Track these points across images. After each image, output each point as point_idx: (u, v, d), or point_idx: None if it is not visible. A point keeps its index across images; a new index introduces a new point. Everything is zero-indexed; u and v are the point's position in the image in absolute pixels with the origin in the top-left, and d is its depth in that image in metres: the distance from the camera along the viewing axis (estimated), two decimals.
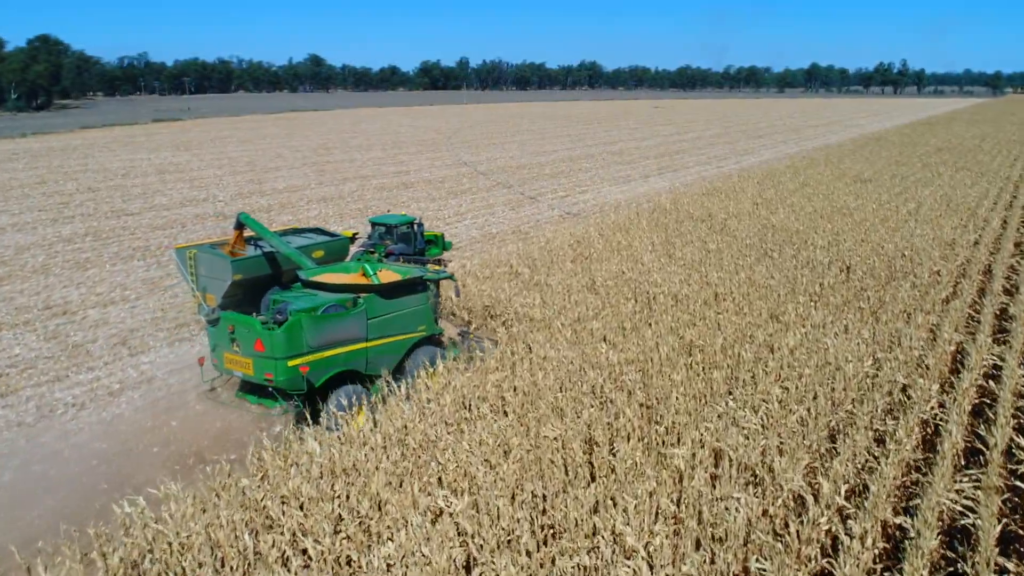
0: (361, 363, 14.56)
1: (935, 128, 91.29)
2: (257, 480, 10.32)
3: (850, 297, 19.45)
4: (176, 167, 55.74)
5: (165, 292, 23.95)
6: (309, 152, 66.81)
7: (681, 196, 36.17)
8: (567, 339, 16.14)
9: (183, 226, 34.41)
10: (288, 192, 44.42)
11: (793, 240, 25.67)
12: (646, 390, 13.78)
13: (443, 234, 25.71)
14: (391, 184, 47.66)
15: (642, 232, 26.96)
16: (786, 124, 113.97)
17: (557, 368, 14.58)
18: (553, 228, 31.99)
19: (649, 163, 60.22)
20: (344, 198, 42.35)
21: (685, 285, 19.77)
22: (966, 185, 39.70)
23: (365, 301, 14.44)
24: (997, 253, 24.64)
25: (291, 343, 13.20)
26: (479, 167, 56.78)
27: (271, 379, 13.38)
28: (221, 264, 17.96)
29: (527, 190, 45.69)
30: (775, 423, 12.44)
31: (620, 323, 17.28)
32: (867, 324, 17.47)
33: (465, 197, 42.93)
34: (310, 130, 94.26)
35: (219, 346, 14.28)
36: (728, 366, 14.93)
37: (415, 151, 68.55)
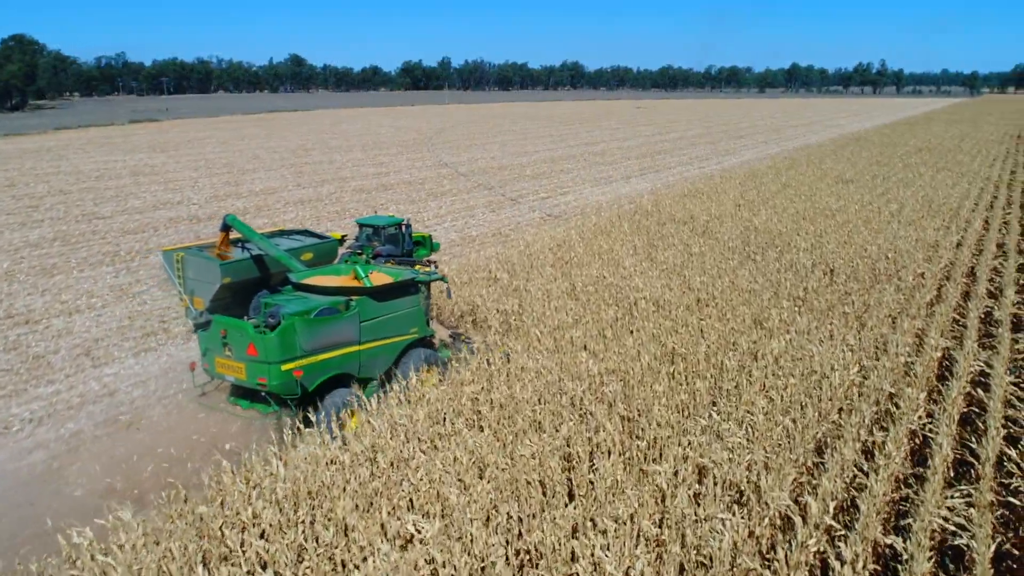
0: (354, 366, 14.36)
1: (914, 128, 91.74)
2: (216, 506, 9.73)
3: (834, 301, 19.10)
4: (151, 169, 54.76)
5: (133, 299, 23.22)
6: (288, 153, 65.96)
7: (663, 198, 35.80)
8: (547, 348, 15.64)
9: (155, 230, 33.61)
10: (265, 194, 43.65)
11: (776, 242, 25.34)
12: (627, 401, 13.31)
13: (431, 235, 25.41)
14: (370, 186, 47.00)
15: (623, 235, 26.54)
16: (767, 124, 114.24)
17: (535, 379, 14.07)
18: (534, 231, 31.51)
19: (631, 164, 59.92)
20: (322, 200, 41.66)
21: (667, 290, 19.34)
22: (947, 186, 39.65)
23: (358, 304, 14.24)
24: (980, 255, 24.45)
25: (284, 347, 13.00)
26: (460, 168, 56.23)
27: (264, 383, 13.15)
28: (210, 267, 17.54)
29: (508, 191, 45.21)
30: (760, 436, 12.00)
31: (601, 330, 16.81)
32: (852, 330, 17.12)
33: (445, 199, 42.37)
34: (289, 131, 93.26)
35: (210, 350, 14.00)
36: (711, 376, 14.50)
37: (395, 152, 67.87)
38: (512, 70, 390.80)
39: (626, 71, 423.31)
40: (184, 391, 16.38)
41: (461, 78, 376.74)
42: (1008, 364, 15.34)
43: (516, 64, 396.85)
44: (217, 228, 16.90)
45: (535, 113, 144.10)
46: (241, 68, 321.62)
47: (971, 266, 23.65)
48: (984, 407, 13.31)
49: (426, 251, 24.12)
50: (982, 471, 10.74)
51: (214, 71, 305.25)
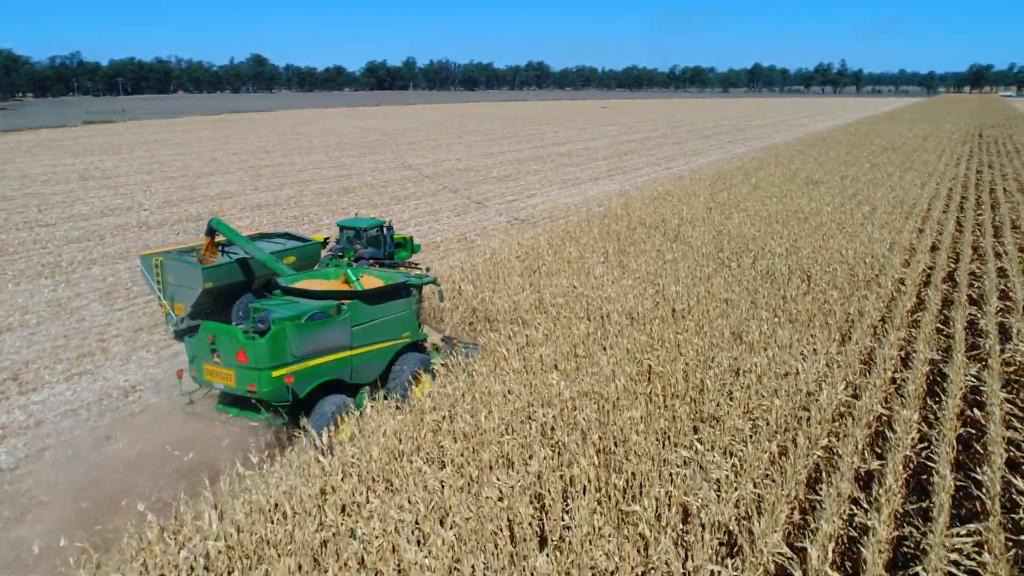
0: (346, 372, 14.07)
1: (878, 127, 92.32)
2: (135, 570, 8.45)
3: (814, 311, 18.24)
4: (102, 173, 52.59)
5: (72, 315, 21.64)
6: (247, 155, 64.04)
7: (633, 201, 34.88)
8: (514, 368, 14.52)
9: (101, 238, 31.85)
10: (220, 199, 41.94)
11: (750, 247, 24.51)
12: (603, 429, 12.25)
13: (412, 236, 24.97)
14: (331, 189, 45.49)
15: (593, 241, 25.52)
16: (732, 124, 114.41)
17: (502, 405, 12.95)
18: (500, 237, 30.36)
19: (598, 165, 59.06)
20: (280, 205, 40.09)
21: (641, 301, 18.33)
22: (916, 186, 39.32)
23: (349, 308, 13.99)
24: (958, 260, 23.79)
25: (275, 353, 12.69)
26: (424, 170, 54.90)
27: (254, 391, 12.83)
28: (191, 272, 17.38)
29: (474, 194, 44.03)
30: (748, 467, 11.02)
31: (572, 347, 15.73)
32: (835, 342, 16.27)
33: (409, 202, 41.05)
34: (249, 132, 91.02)
35: (198, 357, 13.54)
36: (691, 397, 13.49)
37: (358, 153, 66.28)
38: (477, 70, 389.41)
39: (591, 71, 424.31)
40: (123, 418, 15.02)
41: (426, 78, 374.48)
42: (1001, 377, 14.55)
43: (481, 64, 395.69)
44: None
45: (501, 113, 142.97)
46: (201, 68, 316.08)
47: (950, 270, 23.02)
48: (982, 428, 12.48)
49: (407, 253, 23.89)
50: (991, 508, 9.83)
51: (173, 71, 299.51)
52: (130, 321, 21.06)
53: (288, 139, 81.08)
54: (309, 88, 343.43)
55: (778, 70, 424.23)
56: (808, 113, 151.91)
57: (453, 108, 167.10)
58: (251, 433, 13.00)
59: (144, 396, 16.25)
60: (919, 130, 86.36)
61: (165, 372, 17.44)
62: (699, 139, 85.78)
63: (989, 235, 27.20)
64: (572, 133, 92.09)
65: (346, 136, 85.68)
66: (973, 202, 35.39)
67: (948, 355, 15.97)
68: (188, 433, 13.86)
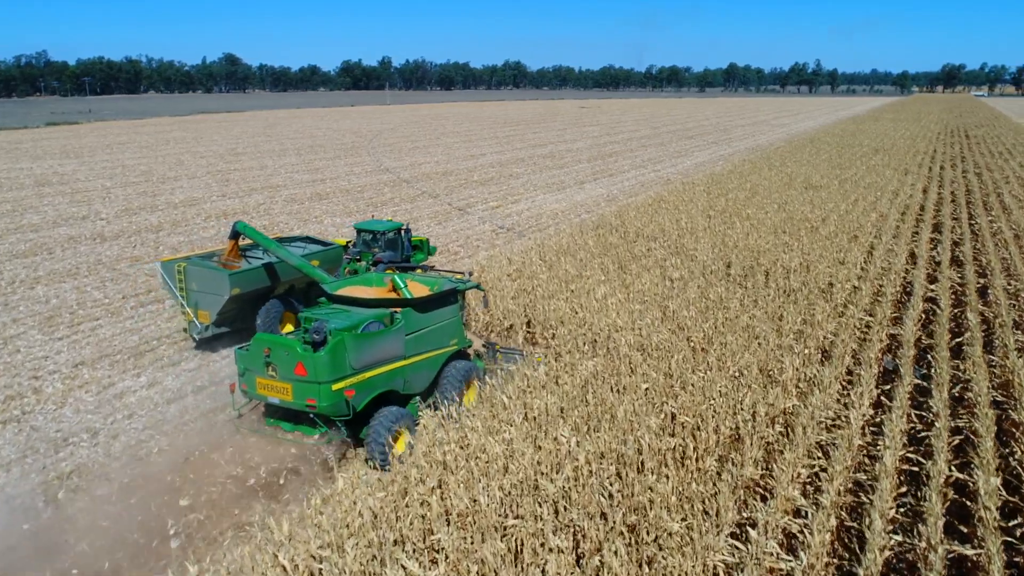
0: (399, 383, 13.62)
1: (863, 128, 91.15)
2: None
3: (847, 338, 16.21)
4: (60, 178, 49.58)
5: (4, 347, 19.05)
6: (215, 158, 61.19)
7: (627, 209, 32.74)
8: (514, 420, 12.27)
9: (50, 252, 29.13)
10: (184, 206, 39.25)
11: (760, 261, 22.46)
12: (627, 502, 10.07)
13: (428, 239, 24.46)
14: (303, 195, 42.94)
15: (590, 255, 23.33)
16: (713, 124, 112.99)
17: (501, 474, 10.72)
18: (487, 251, 28.06)
19: (583, 167, 56.95)
20: (248, 212, 37.50)
21: (654, 330, 16.15)
22: (919, 191, 37.63)
23: (403, 316, 13.53)
24: (984, 274, 21.79)
25: (335, 365, 12.26)
26: (402, 174, 52.48)
27: (313, 405, 12.32)
28: (216, 278, 16.86)
29: (455, 200, 41.70)
30: (815, 558, 8.88)
31: (580, 390, 13.53)
32: (875, 376, 14.21)
33: (386, 209, 38.61)
34: (220, 134, 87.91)
35: (250, 370, 12.94)
36: (727, 456, 11.35)
37: (333, 156, 63.67)
38: (454, 70, 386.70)
39: (568, 71, 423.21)
40: (47, 482, 12.59)
41: (403, 78, 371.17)
42: None
43: (458, 64, 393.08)
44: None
45: (479, 114, 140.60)
46: (173, 68, 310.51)
47: (980, 286, 21.07)
48: None
49: (424, 256, 23.46)
50: None
51: (144, 71, 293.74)
52: (70, 353, 18.55)
53: (260, 141, 78.20)
54: (283, 88, 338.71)
55: (753, 70, 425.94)
56: (788, 113, 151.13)
57: (430, 108, 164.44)
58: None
59: (76, 451, 13.79)
60: (904, 130, 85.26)
61: (105, 418, 15.01)
62: (682, 140, 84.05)
63: (1012, 244, 25.33)
64: (553, 134, 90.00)
65: (320, 137, 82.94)
66: (981, 207, 33.66)
67: (1009, 392, 13.95)
68: (126, 508, 11.54)
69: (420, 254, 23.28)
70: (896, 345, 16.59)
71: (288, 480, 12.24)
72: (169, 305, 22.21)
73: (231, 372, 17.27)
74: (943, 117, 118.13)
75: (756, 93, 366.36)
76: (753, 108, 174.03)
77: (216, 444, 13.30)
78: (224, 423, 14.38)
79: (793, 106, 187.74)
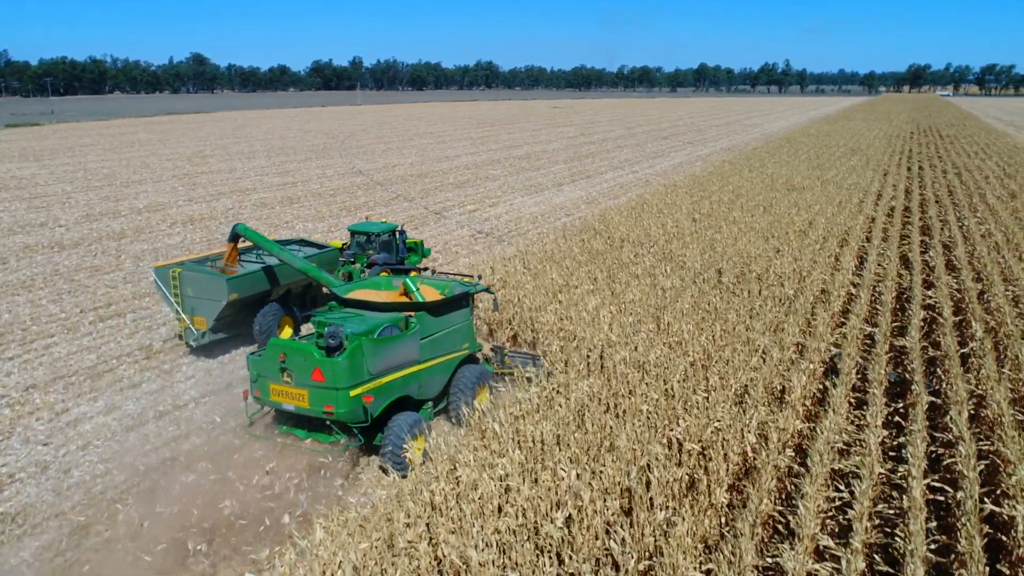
0: (414, 388, 13.41)
1: (836, 128, 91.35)
2: None
3: (853, 352, 15.40)
4: (17, 182, 47.59)
5: None
6: (182, 161, 59.39)
7: (609, 212, 31.83)
8: (507, 454, 11.23)
9: (3, 262, 27.54)
10: (149, 211, 37.69)
11: (752, 268, 21.65)
12: (637, 545, 9.12)
13: (422, 241, 24.23)
14: (274, 199, 41.52)
15: (576, 262, 22.35)
16: (687, 124, 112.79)
17: (496, 513, 9.70)
18: (467, 258, 27.02)
19: (559, 168, 56.03)
20: (216, 218, 36.07)
21: (650, 346, 15.21)
22: (902, 191, 37.19)
23: (417, 320, 13.39)
24: (987, 282, 21.06)
25: (353, 371, 12.10)
26: (375, 176, 51.20)
27: (331, 411, 12.15)
28: (214, 283, 16.63)
29: (431, 203, 40.55)
30: None
31: (575, 414, 12.54)
32: (883, 388, 13.39)
33: (359, 213, 37.35)
34: (187, 135, 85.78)
35: (263, 376, 12.67)
36: (744, 491, 10.42)
37: (304, 158, 62.13)
38: (426, 70, 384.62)
39: (540, 71, 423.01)
40: None
41: (374, 78, 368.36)
42: None
43: (430, 64, 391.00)
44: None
45: (452, 114, 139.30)
46: (139, 68, 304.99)
47: (980, 290, 20.39)
48: None
49: (418, 258, 23.28)
50: None
51: (108, 71, 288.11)
52: (21, 375, 17.18)
53: (228, 142, 76.32)
54: (252, 88, 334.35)
55: (724, 70, 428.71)
56: (760, 113, 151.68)
57: (402, 109, 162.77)
58: None
59: (23, 490, 12.51)
60: (878, 130, 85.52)
61: (57, 450, 13.74)
62: (658, 140, 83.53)
63: (1005, 248, 24.75)
64: (527, 135, 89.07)
65: (291, 139, 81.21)
66: (967, 208, 33.20)
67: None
68: (80, 555, 10.35)
69: (414, 256, 23.09)
70: (901, 357, 15.81)
71: (272, 518, 11.08)
72: (130, 320, 20.92)
73: (197, 394, 16.10)
74: (913, 116, 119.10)
75: (726, 93, 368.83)
76: (725, 108, 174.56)
77: (182, 479, 12.11)
78: (190, 451, 13.23)
79: (764, 106, 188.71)
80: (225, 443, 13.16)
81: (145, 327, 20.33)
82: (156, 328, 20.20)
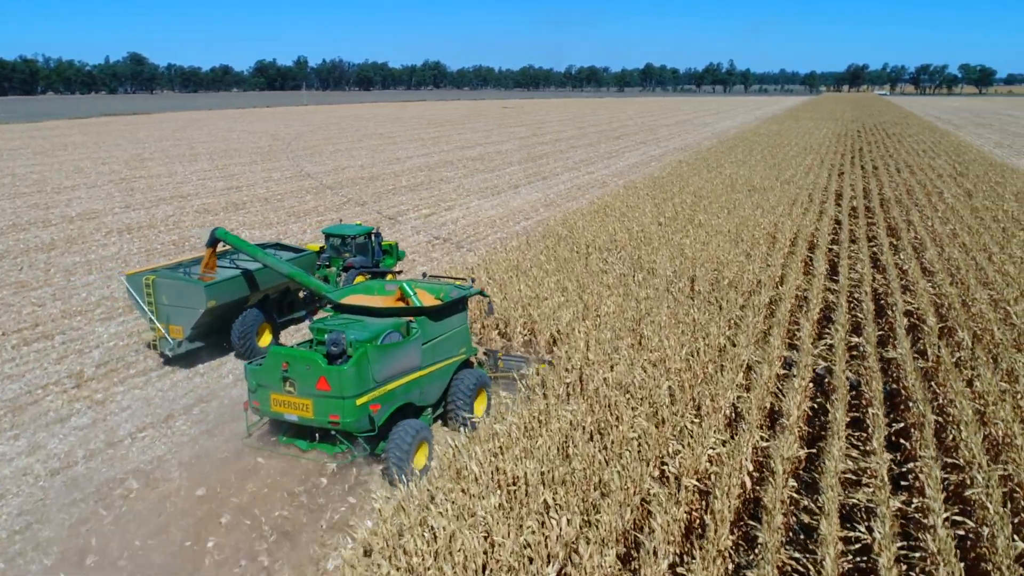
0: (416, 394, 13.10)
1: (785, 127, 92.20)
2: None
3: (846, 368, 14.58)
4: None
5: None
6: (119, 165, 56.61)
7: (572, 216, 30.76)
8: (481, 492, 10.01)
9: None
10: (82, 220, 35.40)
11: (724, 274, 20.80)
12: None
13: (397, 243, 23.92)
14: (217, 205, 39.50)
15: (543, 271, 21.20)
16: (638, 124, 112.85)
17: (480, 573, 8.50)
18: (425, 267, 25.67)
19: (514, 170, 54.94)
20: (155, 226, 34.01)
21: (631, 365, 14.15)
22: (860, 191, 37.03)
23: (419, 325, 13.07)
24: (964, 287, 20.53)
25: (360, 379, 11.78)
26: (325, 179, 49.38)
27: (336, 421, 11.81)
28: (190, 290, 16.23)
29: (384, 208, 39.04)
30: None
31: (560, 445, 11.40)
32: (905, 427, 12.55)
33: (309, 219, 35.70)
34: (125, 137, 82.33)
35: (263, 386, 12.22)
36: (745, 523, 9.41)
37: (249, 161, 59.85)
38: (373, 70, 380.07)
39: (488, 71, 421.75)
40: None
41: (319, 78, 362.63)
42: None
43: (377, 64, 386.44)
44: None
45: (401, 114, 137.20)
46: (73, 67, 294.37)
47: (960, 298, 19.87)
48: None
49: (393, 260, 23.04)
50: None
51: (41, 71, 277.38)
52: None
53: (168, 145, 73.34)
54: (194, 89, 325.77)
55: (669, 70, 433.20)
56: (708, 112, 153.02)
57: (350, 109, 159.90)
58: None
59: None
60: (826, 129, 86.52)
61: None
62: (611, 140, 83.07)
63: (975, 250, 24.41)
64: (479, 135, 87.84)
65: (235, 141, 78.53)
66: (929, 208, 33.04)
67: None
68: None
69: (389, 259, 22.84)
70: (892, 369, 15.06)
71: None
72: (59, 342, 19.11)
73: (133, 428, 14.51)
74: (858, 115, 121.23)
75: (672, 93, 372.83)
76: (673, 107, 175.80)
77: (118, 535, 10.60)
78: (127, 497, 11.72)
79: (711, 105, 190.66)
80: (165, 491, 11.68)
81: (76, 350, 18.56)
82: (88, 351, 18.46)
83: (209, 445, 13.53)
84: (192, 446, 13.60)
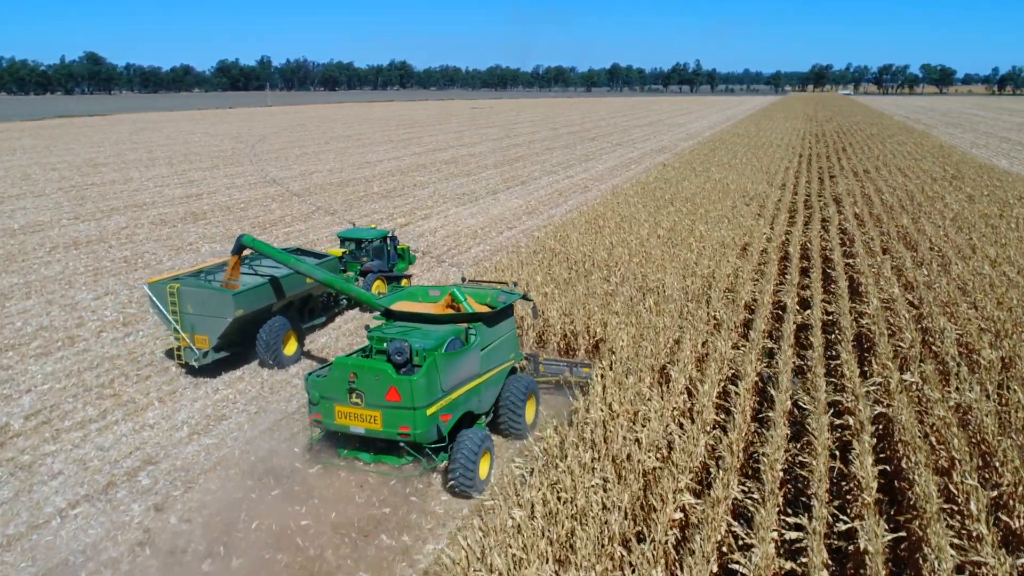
0: (475, 402, 12.83)
1: (762, 126, 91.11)
2: None
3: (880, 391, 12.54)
4: None
5: None
6: (70, 171, 53.24)
7: (564, 228, 28.43)
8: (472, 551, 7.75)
9: None
10: (24, 233, 32.36)
11: (740, 294, 18.72)
12: None
13: (408, 247, 23.70)
14: (175, 215, 36.63)
15: (542, 296, 18.87)
16: (610, 124, 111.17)
17: None
18: (414, 280, 23.26)
19: (490, 174, 52.62)
20: (106, 240, 31.12)
21: (661, 418, 11.92)
22: (859, 196, 35.36)
23: (477, 332, 12.81)
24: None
25: (431, 388, 11.44)
26: (291, 185, 46.62)
27: (407, 432, 11.44)
28: (218, 299, 15.97)
29: (356, 217, 36.48)
30: None
31: (595, 538, 9.14)
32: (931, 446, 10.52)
33: (276, 231, 33.05)
34: (78, 141, 78.49)
35: (327, 399, 11.83)
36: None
37: (210, 165, 56.79)
38: (338, 70, 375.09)
39: (455, 71, 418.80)
40: None
41: (283, 78, 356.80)
42: None
43: (342, 63, 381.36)
44: None
45: (368, 115, 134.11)
46: (26, 67, 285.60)
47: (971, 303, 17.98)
48: None
49: (405, 264, 22.94)
50: None
51: None
52: None
53: (125, 148, 69.81)
54: (153, 89, 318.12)
55: (635, 70, 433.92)
56: (679, 112, 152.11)
57: (316, 110, 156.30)
58: None
59: None
60: (803, 129, 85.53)
61: None
62: (585, 142, 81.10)
63: (1006, 266, 22.64)
64: (450, 137, 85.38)
65: (195, 144, 75.13)
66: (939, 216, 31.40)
67: None
68: None
69: (402, 263, 22.77)
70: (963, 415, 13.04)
71: None
72: None
73: (64, 503, 11.95)
74: (832, 116, 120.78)
75: (640, 93, 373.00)
76: (643, 107, 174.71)
77: None
78: None
79: (681, 105, 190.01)
80: None
81: (2, 397, 15.89)
82: (16, 398, 15.81)
83: (155, 528, 11.08)
84: (136, 530, 11.12)
